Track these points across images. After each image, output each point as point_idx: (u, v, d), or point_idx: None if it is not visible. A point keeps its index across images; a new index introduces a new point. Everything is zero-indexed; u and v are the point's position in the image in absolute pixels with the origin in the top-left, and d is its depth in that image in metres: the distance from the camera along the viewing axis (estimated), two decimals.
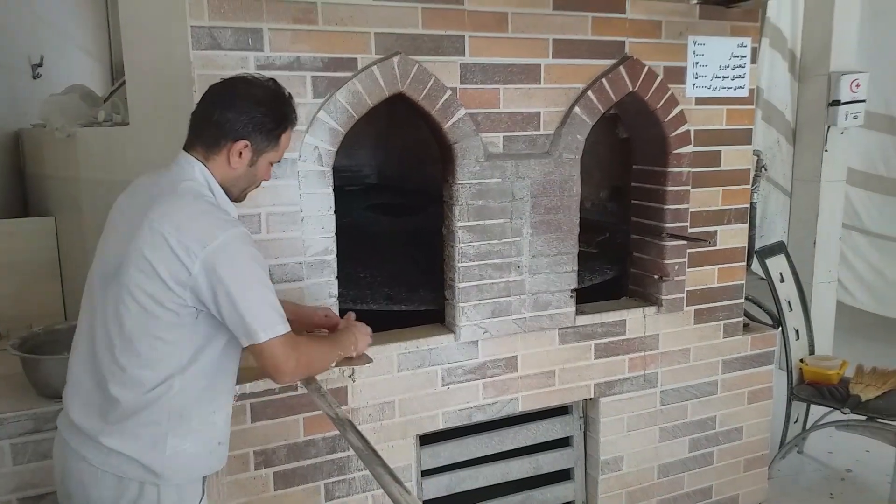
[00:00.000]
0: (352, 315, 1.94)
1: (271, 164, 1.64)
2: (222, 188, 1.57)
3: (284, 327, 1.49)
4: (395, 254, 2.67)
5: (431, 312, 2.40)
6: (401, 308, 2.35)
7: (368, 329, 1.87)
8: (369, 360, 2.01)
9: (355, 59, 2.08)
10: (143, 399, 1.46)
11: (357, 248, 2.16)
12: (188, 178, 1.52)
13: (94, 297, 1.51)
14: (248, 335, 1.45)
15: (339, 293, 2.16)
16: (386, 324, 2.35)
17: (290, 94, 1.63)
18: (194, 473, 1.57)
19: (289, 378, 1.55)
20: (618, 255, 2.88)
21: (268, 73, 1.96)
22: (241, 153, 1.54)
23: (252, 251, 1.48)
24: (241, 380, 1.87)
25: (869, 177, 4.87)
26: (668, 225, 2.63)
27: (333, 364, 1.74)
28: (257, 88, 1.57)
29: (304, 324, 1.91)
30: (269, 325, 1.46)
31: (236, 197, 1.62)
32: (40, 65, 3.92)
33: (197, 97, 1.89)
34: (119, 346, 1.45)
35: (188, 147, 1.56)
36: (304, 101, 2.03)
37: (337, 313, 2.16)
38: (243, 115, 1.52)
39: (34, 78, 3.90)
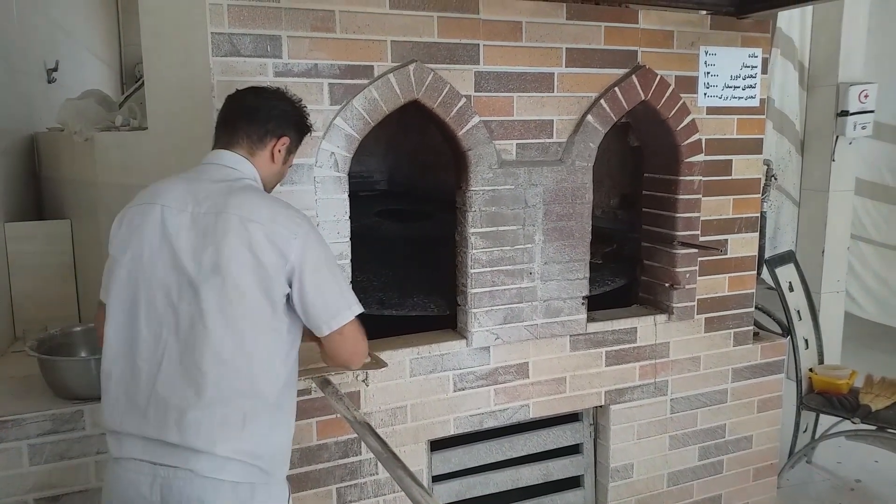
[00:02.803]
0: None
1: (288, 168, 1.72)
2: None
3: (360, 306, 1.56)
4: (395, 259, 2.68)
5: (444, 318, 2.42)
6: (391, 313, 2.36)
7: None
8: (384, 365, 2.03)
9: (372, 66, 2.10)
10: (258, 398, 1.45)
11: (358, 253, 2.18)
12: (243, 176, 1.56)
13: (175, 308, 1.44)
14: (339, 313, 1.50)
15: None
16: (399, 329, 2.37)
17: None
18: (287, 466, 1.58)
19: (363, 358, 1.59)
20: (628, 263, 2.89)
21: (286, 80, 2.01)
22: (280, 149, 1.62)
23: (323, 239, 1.57)
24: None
25: (875, 187, 4.88)
26: (679, 233, 2.64)
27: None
28: (286, 93, 1.68)
29: None
30: (355, 301, 1.54)
31: None
32: (55, 69, 3.95)
33: (216, 103, 1.93)
34: (233, 346, 1.42)
35: (228, 146, 1.59)
36: (321, 107, 2.06)
37: None
38: (285, 114, 1.62)
39: (49, 82, 3.93)
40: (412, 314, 2.38)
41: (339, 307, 1.51)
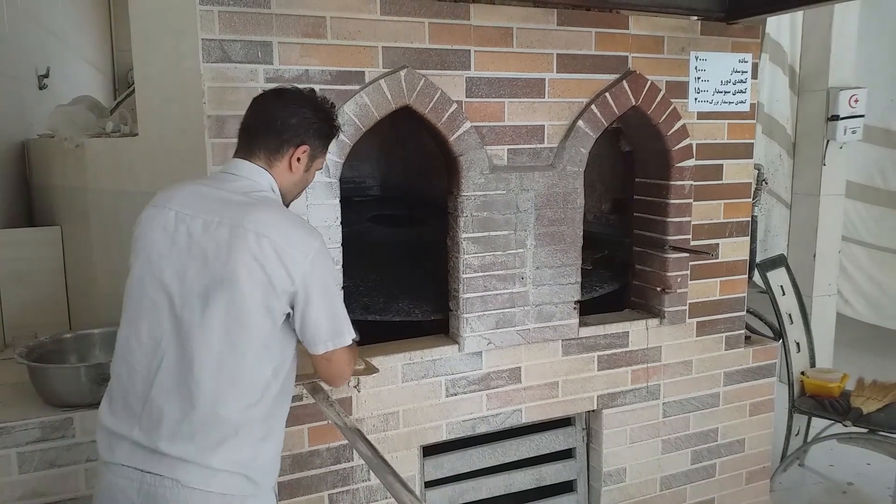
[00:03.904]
0: None
1: (315, 172, 1.69)
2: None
3: (353, 332, 1.57)
4: (384, 264, 2.67)
5: (437, 322, 2.42)
6: (375, 318, 2.35)
7: None
8: (375, 370, 2.02)
9: (363, 72, 2.11)
10: (250, 410, 1.45)
11: (347, 258, 2.17)
12: (260, 188, 1.54)
13: (177, 315, 1.44)
14: (334, 337, 1.51)
15: None
16: (393, 335, 2.36)
17: (333, 104, 1.68)
18: (275, 476, 1.58)
19: (345, 381, 1.65)
20: (620, 268, 2.90)
21: (276, 86, 2.00)
22: (300, 158, 1.57)
23: (331, 259, 1.57)
24: None
25: (866, 189, 4.91)
26: (670, 237, 2.65)
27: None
28: (311, 97, 1.61)
29: None
30: (351, 329, 1.55)
31: (286, 204, 1.63)
32: (46, 76, 3.95)
33: (207, 109, 1.94)
34: (230, 359, 1.42)
35: (246, 156, 1.57)
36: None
37: None
38: (306, 121, 1.56)
39: (40, 89, 3.93)
40: (395, 319, 2.37)
41: (332, 333, 1.50)
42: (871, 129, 4.57)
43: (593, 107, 2.43)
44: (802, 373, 3.30)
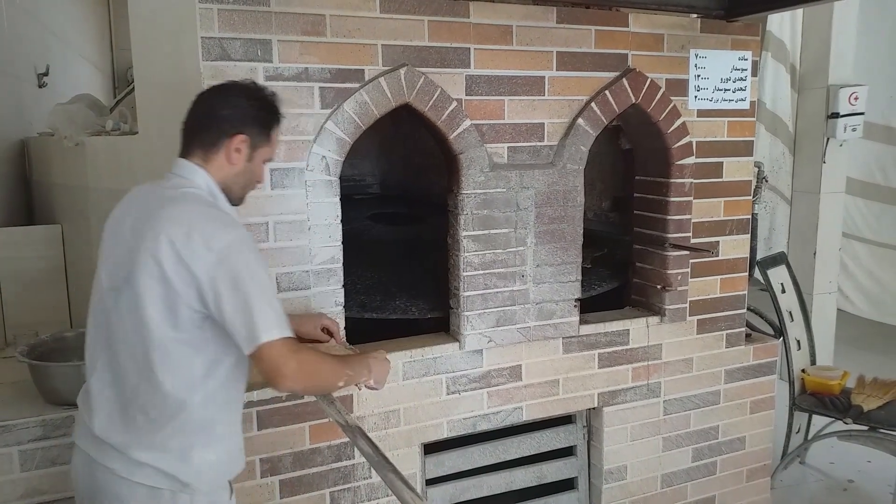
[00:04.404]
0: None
1: (264, 163, 1.65)
2: (223, 191, 1.58)
3: (287, 331, 1.45)
4: (383, 263, 2.67)
5: (435, 320, 2.42)
6: (372, 316, 2.35)
7: (386, 359, 1.79)
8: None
9: (363, 70, 2.10)
10: (170, 410, 1.46)
11: (346, 256, 2.17)
12: (189, 185, 1.53)
13: (106, 310, 1.50)
14: (250, 336, 1.41)
15: None
16: (389, 333, 2.36)
17: (273, 92, 1.65)
18: (220, 480, 1.59)
19: (290, 383, 1.46)
20: (620, 266, 2.89)
21: (277, 84, 2.00)
22: (238, 148, 1.56)
23: (255, 253, 1.47)
24: (247, 388, 1.88)
25: (867, 186, 4.91)
26: (670, 235, 2.65)
27: (342, 384, 1.64)
28: (245, 86, 1.62)
29: (306, 340, 1.93)
30: (271, 326, 1.42)
31: (237, 199, 1.62)
32: (46, 74, 3.95)
33: None
34: (141, 355, 1.45)
35: (184, 154, 1.57)
36: (311, 111, 2.06)
37: (343, 321, 2.18)
38: (239, 110, 1.56)
39: (39, 87, 3.93)
40: (392, 317, 2.37)
41: (255, 329, 1.40)
42: (872, 126, 4.57)
43: (593, 105, 2.42)
44: (803, 370, 3.30)
